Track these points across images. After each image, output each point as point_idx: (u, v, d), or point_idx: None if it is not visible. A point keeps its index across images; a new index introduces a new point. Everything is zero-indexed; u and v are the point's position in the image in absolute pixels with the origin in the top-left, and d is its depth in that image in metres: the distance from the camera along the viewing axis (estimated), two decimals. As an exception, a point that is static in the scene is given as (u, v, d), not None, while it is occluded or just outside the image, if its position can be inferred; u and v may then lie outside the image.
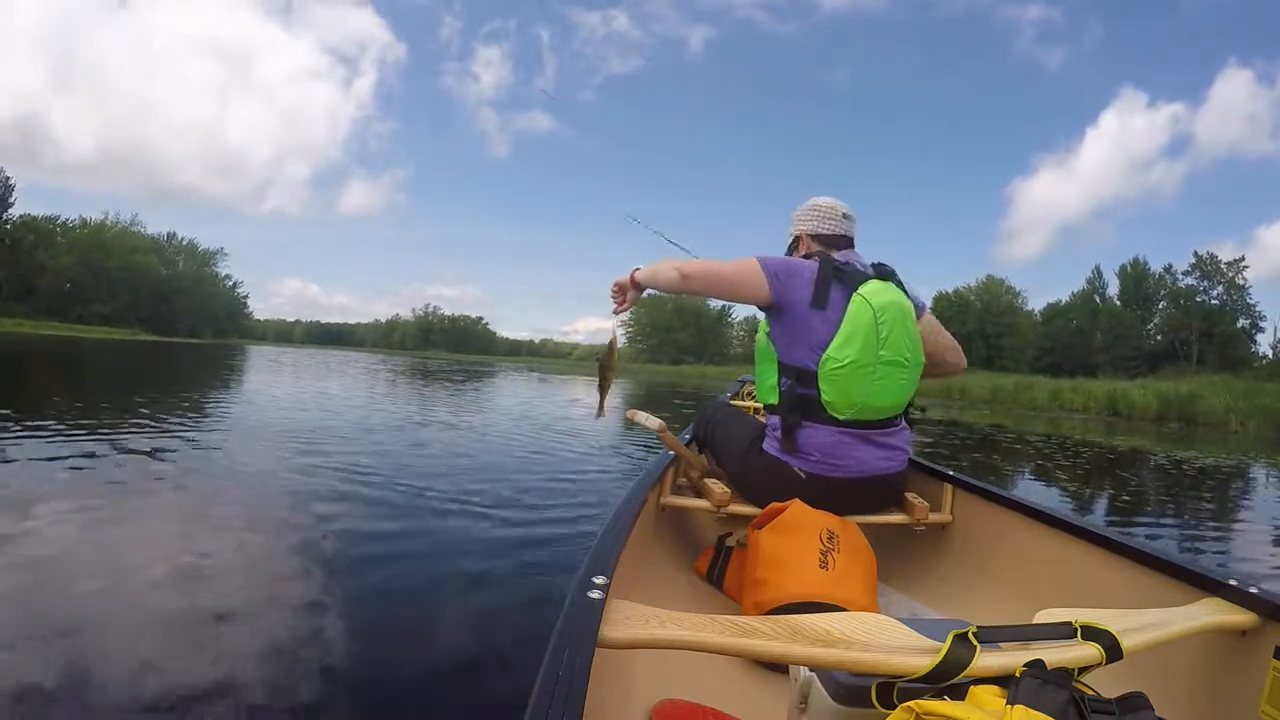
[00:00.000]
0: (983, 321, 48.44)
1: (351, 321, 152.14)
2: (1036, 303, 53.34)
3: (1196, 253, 45.88)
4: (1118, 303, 48.64)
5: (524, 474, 4.52)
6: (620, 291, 1.80)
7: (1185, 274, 46.28)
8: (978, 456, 7.42)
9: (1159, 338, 46.41)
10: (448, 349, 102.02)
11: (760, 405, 1.87)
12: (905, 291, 1.73)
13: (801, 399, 1.65)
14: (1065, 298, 51.35)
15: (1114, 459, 8.35)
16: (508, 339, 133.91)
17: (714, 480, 1.83)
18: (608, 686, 0.92)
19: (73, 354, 17.24)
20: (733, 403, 2.16)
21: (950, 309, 49.35)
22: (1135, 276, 48.56)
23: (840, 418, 1.64)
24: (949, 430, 9.66)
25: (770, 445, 1.73)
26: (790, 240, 1.89)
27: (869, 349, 1.60)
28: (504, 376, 21.51)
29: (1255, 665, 1.02)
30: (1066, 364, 43.82)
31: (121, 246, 62.41)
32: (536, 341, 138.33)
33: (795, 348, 1.66)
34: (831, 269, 1.66)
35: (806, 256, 1.77)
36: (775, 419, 1.72)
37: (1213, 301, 44.69)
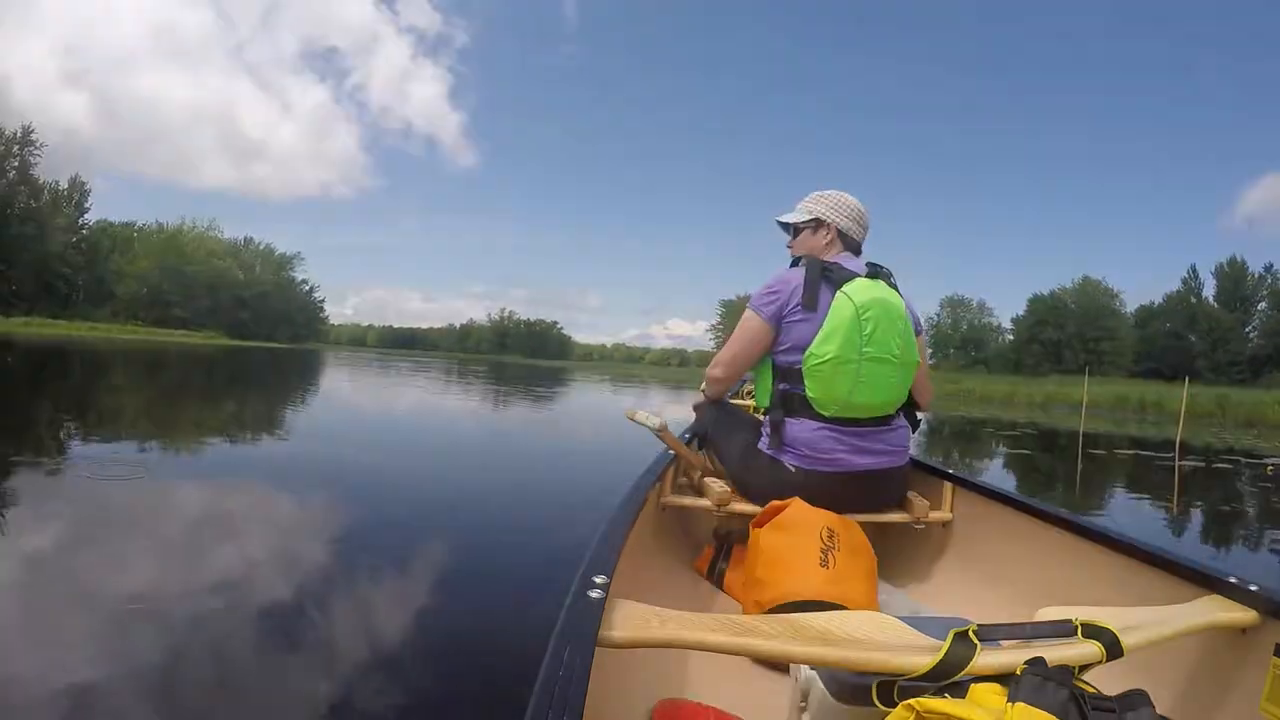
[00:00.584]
0: (1081, 325, 46.63)
1: (423, 325, 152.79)
2: (1128, 304, 51.02)
3: None
4: (1213, 304, 46.52)
5: (525, 475, 4.53)
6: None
7: None
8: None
9: (1260, 341, 44.39)
10: (523, 354, 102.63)
11: (758, 406, 1.88)
12: (899, 293, 1.74)
13: (788, 396, 1.69)
14: (1158, 300, 49.32)
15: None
16: (583, 344, 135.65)
17: (714, 479, 1.83)
18: (608, 686, 0.92)
19: (161, 358, 17.38)
20: (733, 402, 2.16)
21: (1048, 311, 47.90)
22: (1233, 276, 46.53)
23: (825, 414, 1.66)
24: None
25: (765, 445, 1.75)
26: (808, 218, 1.87)
27: (851, 345, 1.61)
28: (576, 384, 21.53)
29: (1256, 663, 1.02)
30: (1165, 369, 42.10)
31: (200, 251, 62.82)
32: (609, 346, 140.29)
33: (785, 347, 1.71)
34: (819, 271, 1.69)
35: (795, 262, 1.82)
36: (768, 417, 1.74)
37: None
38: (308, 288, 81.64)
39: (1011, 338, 53.96)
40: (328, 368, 19.53)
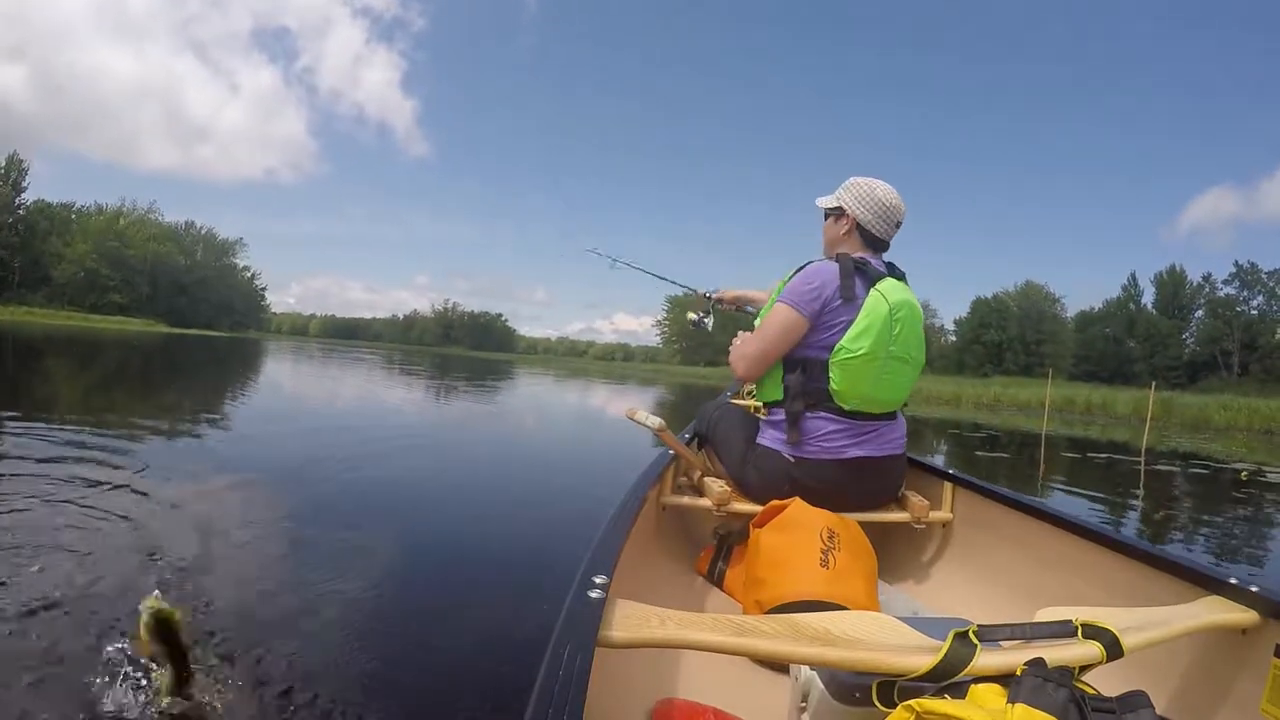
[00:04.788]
0: (1023, 328, 47.88)
1: (367, 316, 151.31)
2: (1068, 309, 52.38)
3: (1237, 262, 45.91)
4: (1152, 310, 48.12)
5: (524, 474, 4.53)
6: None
7: (1225, 283, 46.05)
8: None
9: (1196, 348, 45.97)
10: (468, 345, 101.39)
11: (760, 404, 1.87)
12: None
13: (808, 389, 1.69)
14: (1098, 305, 50.93)
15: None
16: (526, 336, 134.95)
17: (714, 479, 1.83)
18: (608, 686, 0.92)
19: (97, 347, 16.65)
20: (733, 401, 2.16)
21: (990, 314, 49.10)
22: (1172, 284, 48.09)
23: (846, 407, 1.68)
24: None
25: (764, 438, 1.76)
26: (833, 205, 1.82)
27: (881, 343, 1.64)
28: (524, 377, 21.48)
29: (1256, 663, 1.02)
30: (1103, 372, 43.28)
31: (139, 234, 60.91)
32: (553, 339, 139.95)
33: (809, 341, 1.69)
34: (853, 264, 1.69)
35: (834, 257, 1.77)
36: (779, 412, 1.74)
37: (1252, 311, 44.36)
38: (250, 274, 79.77)
39: (955, 339, 55.01)
40: (283, 361, 18.69)
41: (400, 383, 13.55)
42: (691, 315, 2.50)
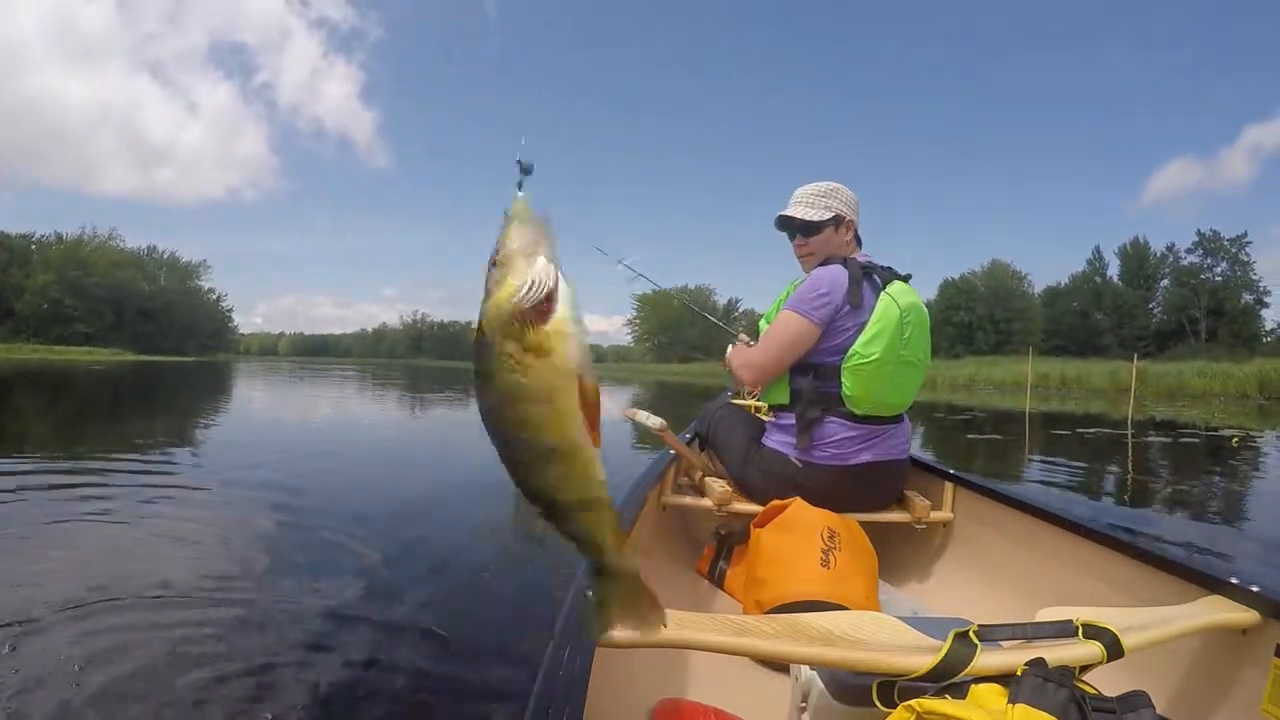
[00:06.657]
0: (991, 307, 48.26)
1: (336, 331, 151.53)
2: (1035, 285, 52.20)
3: (1199, 230, 45.79)
4: (1118, 283, 48.38)
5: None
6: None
7: (1188, 252, 46.13)
8: None
9: (1164, 317, 46.25)
10: (439, 356, 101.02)
11: (762, 405, 1.87)
12: None
13: (821, 394, 1.68)
14: (1064, 280, 51.02)
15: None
16: None
17: (715, 479, 1.83)
18: (608, 686, 0.92)
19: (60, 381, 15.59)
20: (734, 401, 2.16)
21: (958, 295, 49.35)
22: (1136, 256, 48.30)
23: (858, 412, 1.67)
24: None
25: (770, 440, 1.75)
26: (830, 216, 1.79)
27: (893, 348, 1.63)
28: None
29: (1256, 663, 1.01)
30: (1073, 346, 43.56)
31: (101, 262, 59.59)
32: None
33: (823, 346, 1.68)
34: (860, 269, 1.69)
35: (826, 261, 1.77)
36: (787, 416, 1.73)
37: (1217, 278, 44.48)
38: (215, 297, 78.61)
39: (925, 322, 55.22)
40: (259, 383, 17.77)
41: (377, 398, 13.24)
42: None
